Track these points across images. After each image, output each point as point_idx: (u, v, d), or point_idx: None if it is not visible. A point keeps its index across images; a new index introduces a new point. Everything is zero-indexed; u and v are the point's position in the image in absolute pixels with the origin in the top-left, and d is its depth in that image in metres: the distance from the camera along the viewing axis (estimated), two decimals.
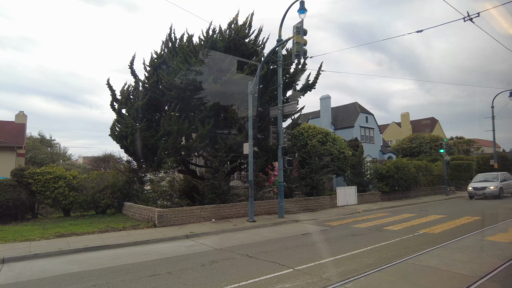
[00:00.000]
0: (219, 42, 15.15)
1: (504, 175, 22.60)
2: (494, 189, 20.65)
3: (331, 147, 20.16)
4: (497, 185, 20.70)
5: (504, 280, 5.68)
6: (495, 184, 20.89)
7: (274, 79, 15.83)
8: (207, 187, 14.08)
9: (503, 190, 21.03)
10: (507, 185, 21.91)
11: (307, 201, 17.15)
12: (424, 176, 25.78)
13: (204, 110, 14.93)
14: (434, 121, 57.44)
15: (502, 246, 7.97)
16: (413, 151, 37.54)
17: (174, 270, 6.73)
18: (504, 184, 21.54)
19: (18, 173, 14.14)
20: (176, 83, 14.44)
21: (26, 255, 8.01)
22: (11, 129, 23.48)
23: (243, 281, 5.81)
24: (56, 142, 38.57)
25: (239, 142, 14.69)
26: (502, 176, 21.98)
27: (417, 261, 6.82)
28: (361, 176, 21.04)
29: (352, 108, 35.38)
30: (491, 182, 21.39)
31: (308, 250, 8.28)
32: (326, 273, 6.13)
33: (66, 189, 14.44)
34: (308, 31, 12.83)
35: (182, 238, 10.32)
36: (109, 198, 15.34)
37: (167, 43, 17.12)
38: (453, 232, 10.08)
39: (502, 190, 20.93)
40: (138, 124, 15.30)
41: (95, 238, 10.11)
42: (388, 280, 5.66)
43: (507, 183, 21.96)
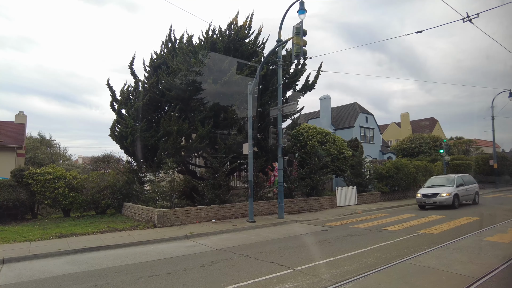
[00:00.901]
0: (219, 42, 15.17)
1: (464, 178, 18.61)
2: (446, 196, 16.23)
3: (330, 147, 20.17)
4: (450, 192, 16.38)
5: (503, 280, 5.69)
6: (448, 190, 16.51)
7: (273, 79, 15.85)
8: (207, 188, 14.09)
9: (458, 198, 16.72)
10: (466, 191, 17.67)
11: (306, 202, 17.16)
12: (424, 177, 25.76)
13: (204, 111, 14.95)
14: (433, 121, 57.49)
15: (501, 247, 7.99)
16: (413, 151, 37.57)
17: (174, 270, 6.74)
18: (461, 190, 17.24)
19: (18, 173, 14.14)
20: (176, 84, 14.45)
21: (26, 256, 8.02)
22: (11, 129, 23.48)
23: (243, 282, 5.82)
24: (55, 142, 38.62)
25: (239, 143, 14.70)
26: (459, 180, 17.77)
27: (417, 261, 6.84)
28: (361, 176, 21.05)
29: (351, 108, 35.39)
30: (444, 187, 17.04)
31: (308, 251, 8.29)
32: (326, 274, 6.14)
33: (66, 190, 14.44)
34: (308, 31, 12.88)
35: (182, 238, 10.33)
36: (109, 198, 15.34)
37: (167, 44, 17.14)
38: (453, 232, 10.10)
39: (458, 198, 16.69)
40: (138, 124, 15.31)
41: (95, 238, 10.12)
42: (388, 281, 5.68)
43: (465, 189, 17.63)
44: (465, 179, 18.47)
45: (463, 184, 17.60)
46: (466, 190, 17.66)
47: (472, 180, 19.18)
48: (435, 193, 16.65)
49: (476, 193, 18.61)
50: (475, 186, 18.80)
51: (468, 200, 18.06)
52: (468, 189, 17.96)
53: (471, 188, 18.28)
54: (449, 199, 16.18)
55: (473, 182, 19.05)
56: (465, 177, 18.86)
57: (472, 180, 19.17)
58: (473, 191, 18.34)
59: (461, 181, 17.67)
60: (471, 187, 18.33)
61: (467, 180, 18.53)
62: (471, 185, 18.46)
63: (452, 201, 16.11)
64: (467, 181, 18.44)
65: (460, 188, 17.14)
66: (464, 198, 17.41)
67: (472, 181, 19.08)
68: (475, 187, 18.76)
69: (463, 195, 17.32)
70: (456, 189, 16.83)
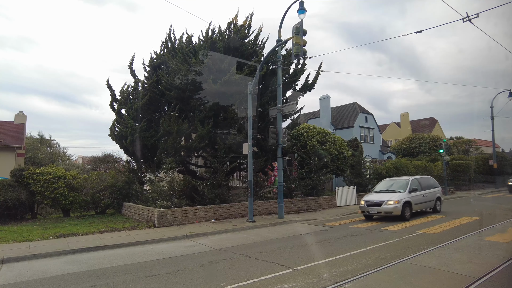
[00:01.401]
0: (219, 42, 15.16)
1: (421, 180, 14.97)
2: (394, 205, 12.81)
3: (330, 147, 20.17)
4: (400, 198, 13.01)
5: (503, 280, 5.69)
6: (397, 197, 13.14)
7: (273, 79, 15.84)
8: (207, 187, 14.09)
9: (410, 206, 13.33)
10: (422, 197, 14.22)
11: (306, 201, 17.16)
12: None
13: (203, 110, 14.94)
14: (433, 121, 57.49)
15: (501, 246, 7.99)
16: (413, 151, 37.58)
17: (173, 270, 6.73)
18: (416, 196, 13.80)
19: (17, 173, 14.13)
20: (175, 83, 14.45)
21: (25, 256, 8.01)
22: (11, 129, 23.47)
23: (243, 281, 5.82)
24: (55, 142, 38.57)
25: (238, 142, 14.70)
26: (414, 183, 14.31)
27: (416, 261, 6.84)
28: (361, 176, 21.06)
29: (351, 108, 35.40)
30: (393, 193, 13.69)
31: (308, 250, 8.29)
32: (325, 273, 6.14)
33: (66, 189, 14.44)
34: (308, 31, 12.89)
35: (181, 238, 10.32)
36: (108, 198, 15.34)
37: (166, 43, 17.13)
38: (452, 232, 10.10)
39: (410, 206, 13.28)
40: (137, 124, 15.31)
41: (94, 238, 10.12)
42: (387, 281, 5.68)
43: (421, 194, 14.14)
44: (423, 182, 14.95)
45: (417, 188, 14.09)
46: (423, 196, 14.18)
47: (433, 184, 15.66)
48: (380, 200, 13.17)
49: (438, 199, 15.33)
50: (436, 190, 15.38)
51: (427, 208, 14.71)
52: (426, 194, 14.44)
53: (431, 194, 14.83)
54: (397, 208, 12.75)
55: (434, 185, 15.61)
56: (424, 180, 15.28)
57: (432, 183, 15.69)
58: (433, 196, 14.97)
59: (416, 185, 14.23)
60: (431, 192, 14.88)
61: (425, 184, 15.01)
62: (431, 190, 15.01)
63: (401, 211, 12.74)
64: (426, 185, 14.93)
65: (414, 194, 13.70)
66: (420, 206, 14.05)
67: (433, 184, 15.59)
68: (437, 191, 15.39)
69: (419, 202, 13.91)
70: (408, 195, 13.35)
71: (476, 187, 31.34)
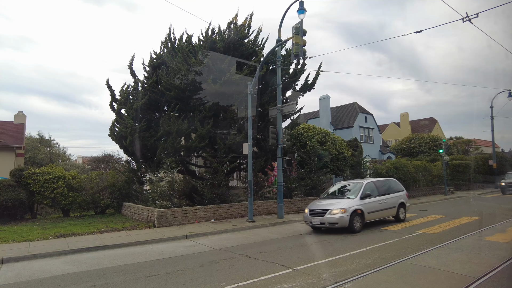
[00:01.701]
0: (219, 42, 15.16)
1: (378, 184, 12.48)
2: (340, 215, 10.40)
3: (330, 147, 20.17)
4: (348, 207, 10.59)
5: (503, 280, 5.69)
6: (344, 205, 10.70)
7: (273, 79, 15.84)
8: (207, 187, 14.09)
9: (362, 216, 10.89)
10: (379, 203, 11.73)
11: (306, 201, 17.13)
12: (423, 176, 25.81)
13: (203, 110, 14.94)
14: (433, 121, 57.52)
15: (500, 246, 8.00)
16: (412, 151, 37.59)
17: (173, 270, 6.73)
18: (368, 203, 11.27)
19: (17, 173, 14.13)
20: (175, 83, 14.45)
21: (25, 256, 8.01)
22: (10, 129, 23.45)
23: (242, 281, 5.82)
24: (55, 142, 38.56)
25: (238, 142, 14.70)
26: (369, 188, 11.81)
27: (416, 261, 6.84)
28: (360, 176, 21.04)
29: (351, 108, 35.43)
30: (341, 200, 11.34)
31: (307, 250, 8.29)
32: (325, 273, 6.14)
33: (65, 189, 14.43)
34: (308, 30, 12.86)
35: (181, 238, 10.32)
36: (108, 198, 15.34)
37: (166, 43, 17.12)
38: (452, 232, 10.11)
39: (360, 216, 10.84)
40: (137, 124, 15.30)
41: (94, 238, 10.12)
42: (387, 281, 5.68)
43: (375, 201, 11.60)
44: (382, 186, 12.51)
45: (372, 194, 11.58)
46: (380, 202, 11.73)
47: (394, 187, 13.14)
48: (324, 209, 10.78)
49: (402, 205, 12.79)
50: (399, 195, 12.85)
51: (387, 216, 12.33)
52: (385, 200, 11.98)
53: (392, 199, 12.36)
54: (343, 219, 10.36)
55: (397, 189, 13.11)
56: (382, 183, 12.81)
57: (394, 186, 13.18)
58: (395, 202, 12.48)
59: (371, 190, 11.74)
60: (392, 198, 12.42)
61: (385, 188, 12.58)
62: (392, 195, 12.53)
63: (349, 222, 10.39)
64: (385, 189, 12.53)
65: (368, 201, 11.25)
66: (376, 215, 11.62)
67: (394, 188, 13.07)
68: (399, 196, 12.85)
69: (375, 209, 11.47)
70: (360, 203, 10.98)
71: (475, 187, 31.34)
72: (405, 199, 13.19)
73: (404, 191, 13.39)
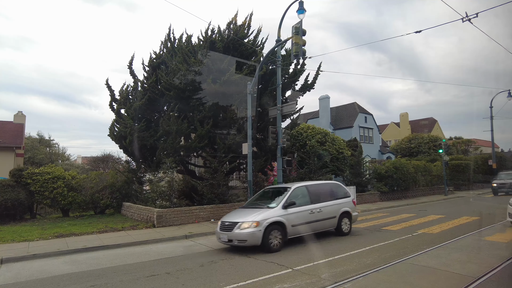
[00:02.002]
0: (218, 42, 15.16)
1: (311, 189, 9.85)
2: (251, 229, 8.05)
3: (330, 147, 20.17)
4: (262, 219, 8.22)
5: (502, 280, 5.69)
6: (258, 216, 8.31)
7: (273, 79, 15.84)
8: (206, 187, 14.08)
9: (283, 230, 8.48)
10: (309, 213, 9.16)
11: None
12: (423, 176, 25.82)
13: (203, 110, 14.94)
14: (433, 121, 57.56)
15: (500, 246, 8.00)
16: (412, 151, 37.61)
17: (173, 270, 6.73)
18: (294, 213, 8.81)
19: (16, 173, 14.12)
20: (175, 83, 14.44)
21: (24, 256, 8.01)
22: (10, 129, 23.44)
23: (242, 281, 5.82)
24: (54, 142, 38.58)
25: (238, 142, 14.70)
26: (297, 193, 9.37)
27: (416, 261, 6.84)
28: (360, 176, 21.06)
29: (351, 108, 35.44)
30: (260, 209, 8.85)
31: (307, 250, 8.28)
32: (325, 273, 6.14)
33: (65, 189, 14.43)
34: (308, 30, 12.84)
35: (181, 238, 10.32)
36: (108, 198, 15.34)
37: (166, 43, 17.12)
38: (452, 232, 10.10)
39: (281, 230, 8.44)
40: (137, 124, 15.30)
41: (93, 238, 10.11)
42: (387, 280, 5.68)
43: (305, 210, 9.11)
44: (317, 192, 9.83)
45: (297, 202, 8.90)
46: (311, 212, 9.12)
47: (336, 192, 10.41)
48: (233, 221, 8.40)
49: (345, 214, 10.16)
50: (342, 203, 10.22)
51: (323, 228, 9.61)
52: (320, 209, 9.35)
53: (331, 208, 9.75)
54: (254, 235, 7.95)
55: (339, 195, 10.39)
56: (318, 188, 10.10)
57: (336, 191, 10.44)
58: (335, 211, 9.87)
59: (301, 196, 9.28)
60: (331, 206, 9.80)
61: (322, 194, 9.91)
62: (332, 202, 9.92)
63: (262, 238, 7.98)
64: (322, 195, 9.88)
65: (294, 211, 8.73)
66: (307, 228, 8.97)
67: (336, 193, 10.37)
68: (343, 204, 10.21)
69: (304, 221, 8.89)
70: (282, 213, 8.48)
71: (475, 187, 31.37)
72: (351, 207, 10.62)
73: (350, 197, 10.83)
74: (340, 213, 10.12)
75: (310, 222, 9.17)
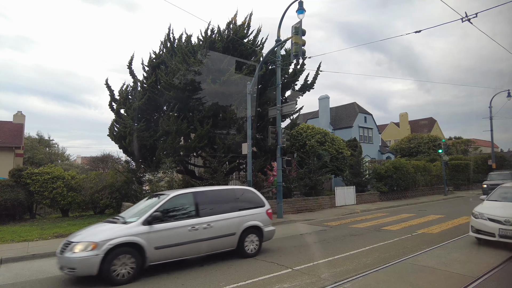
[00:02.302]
0: (218, 42, 15.16)
1: (201, 196, 7.59)
2: (85, 254, 5.79)
3: (329, 147, 20.18)
4: (103, 239, 5.96)
5: (502, 279, 5.70)
6: (98, 236, 6.10)
7: (272, 79, 15.84)
8: None
9: (141, 255, 6.21)
10: (189, 230, 6.84)
11: (305, 201, 17.16)
12: (422, 176, 25.83)
13: (202, 110, 14.93)
14: (432, 121, 57.62)
15: (500, 246, 8.00)
16: (412, 151, 37.63)
17: (172, 270, 6.71)
18: (162, 230, 6.53)
19: (16, 173, 14.11)
20: (174, 83, 14.44)
21: (24, 256, 8.00)
22: (9, 129, 23.42)
23: (242, 281, 5.82)
24: (54, 142, 38.57)
25: (237, 142, 14.70)
26: (175, 203, 7.14)
27: (415, 261, 6.84)
28: (360, 176, 21.06)
29: (350, 108, 35.43)
30: (109, 226, 6.68)
31: (307, 250, 8.28)
32: (325, 273, 6.14)
33: (65, 190, 14.41)
34: (307, 30, 12.86)
35: None
36: (107, 198, 15.32)
37: (165, 43, 17.12)
38: (451, 232, 10.11)
39: (135, 256, 6.14)
40: (136, 124, 15.29)
41: None
42: (387, 280, 5.68)
43: (184, 226, 6.82)
44: (210, 201, 7.66)
45: (159, 217, 6.64)
46: (193, 229, 6.91)
47: (245, 200, 8.16)
48: (70, 241, 6.26)
49: (253, 229, 7.85)
50: (248, 215, 7.86)
51: (211, 250, 7.31)
52: (209, 225, 7.14)
53: (228, 222, 7.49)
54: (86, 262, 5.82)
55: (249, 205, 8.09)
56: (213, 195, 7.94)
57: (244, 199, 8.17)
58: (236, 227, 7.58)
59: (179, 207, 7.17)
60: (229, 219, 7.54)
61: (219, 202, 7.69)
62: (232, 215, 7.62)
63: (98, 266, 5.81)
64: (220, 201, 7.74)
65: (163, 227, 6.61)
66: (183, 250, 6.81)
67: (244, 202, 8.09)
68: (250, 216, 7.88)
69: (180, 242, 6.73)
70: (141, 231, 6.38)
71: (475, 186, 31.37)
72: (264, 219, 8.05)
73: (265, 207, 8.23)
74: (243, 228, 7.58)
75: (190, 242, 6.81)
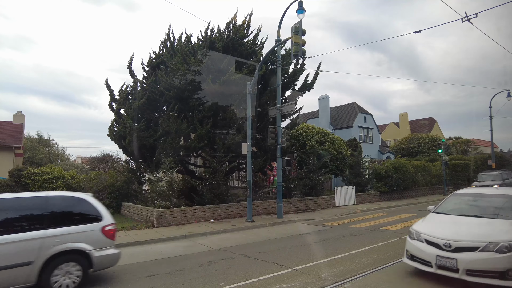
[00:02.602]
0: (218, 42, 15.15)
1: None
2: None
3: (329, 147, 20.18)
4: None
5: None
6: None
7: (272, 79, 15.84)
8: (206, 187, 14.07)
9: None
10: None
11: (305, 201, 17.16)
12: (422, 176, 25.84)
13: (202, 110, 14.93)
14: (432, 121, 57.66)
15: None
16: (412, 151, 37.65)
17: (172, 270, 6.72)
18: None
19: (16, 173, 14.10)
20: (174, 83, 14.43)
21: None
22: (9, 129, 23.40)
23: (242, 281, 5.82)
24: (54, 142, 38.60)
25: (237, 142, 14.69)
26: None
27: None
28: (360, 176, 21.07)
29: (350, 108, 35.43)
30: None
31: (307, 250, 8.28)
32: (325, 273, 6.13)
33: (64, 190, 14.39)
34: (307, 30, 12.87)
35: (180, 238, 10.30)
36: (107, 198, 15.31)
37: (165, 43, 17.11)
38: None
39: None
40: (136, 124, 15.28)
41: None
42: (386, 280, 5.68)
43: None
44: None
45: None
46: None
47: (69, 213, 5.96)
48: None
49: (71, 256, 5.50)
50: (62, 234, 5.43)
51: None
52: None
53: (19, 246, 5.01)
54: None
55: (74, 219, 5.96)
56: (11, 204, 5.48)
57: (69, 210, 5.99)
58: (33, 253, 5.10)
59: None
60: (23, 241, 5.06)
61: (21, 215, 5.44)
62: (35, 234, 5.18)
63: None
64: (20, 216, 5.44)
65: None
66: None
67: (67, 216, 5.89)
68: (68, 236, 5.48)
69: None
70: None
71: None
72: (97, 240, 5.86)
73: (100, 222, 6.09)
74: (50, 254, 5.27)
75: None
